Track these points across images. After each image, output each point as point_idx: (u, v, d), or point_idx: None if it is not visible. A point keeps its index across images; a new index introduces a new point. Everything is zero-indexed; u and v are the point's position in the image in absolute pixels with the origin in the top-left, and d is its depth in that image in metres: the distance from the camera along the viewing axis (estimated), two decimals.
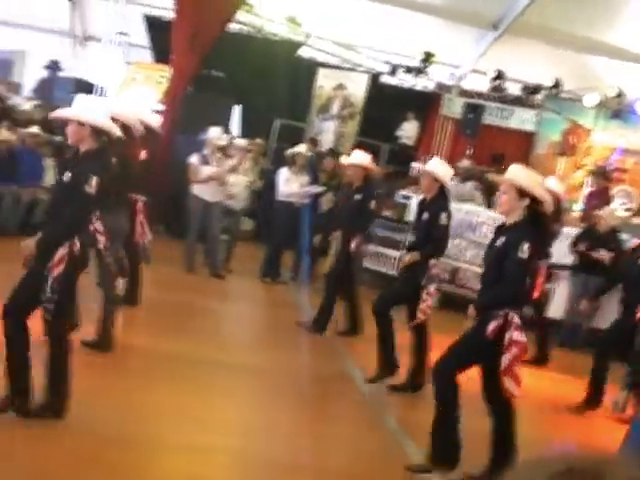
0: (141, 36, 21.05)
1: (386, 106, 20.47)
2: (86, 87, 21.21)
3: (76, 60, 25.65)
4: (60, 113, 6.90)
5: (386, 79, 22.28)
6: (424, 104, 22.48)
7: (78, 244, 6.24)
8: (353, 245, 10.85)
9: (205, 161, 14.09)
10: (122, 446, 6.29)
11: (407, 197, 16.71)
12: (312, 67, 21.66)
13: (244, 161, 14.90)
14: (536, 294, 10.63)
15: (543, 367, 11.71)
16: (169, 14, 19.30)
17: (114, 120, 8.58)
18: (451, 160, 20.31)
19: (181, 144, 17.48)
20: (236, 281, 14.60)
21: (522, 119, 21.73)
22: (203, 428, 6.94)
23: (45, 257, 6.18)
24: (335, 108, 21.56)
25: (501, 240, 6.54)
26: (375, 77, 22.00)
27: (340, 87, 21.59)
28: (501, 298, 6.48)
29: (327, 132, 21.29)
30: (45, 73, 22.59)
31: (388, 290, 10.16)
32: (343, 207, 11.82)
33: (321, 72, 21.64)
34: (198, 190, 14.05)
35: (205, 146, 14.25)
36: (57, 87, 21.56)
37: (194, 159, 14.14)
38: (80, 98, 6.70)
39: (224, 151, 14.56)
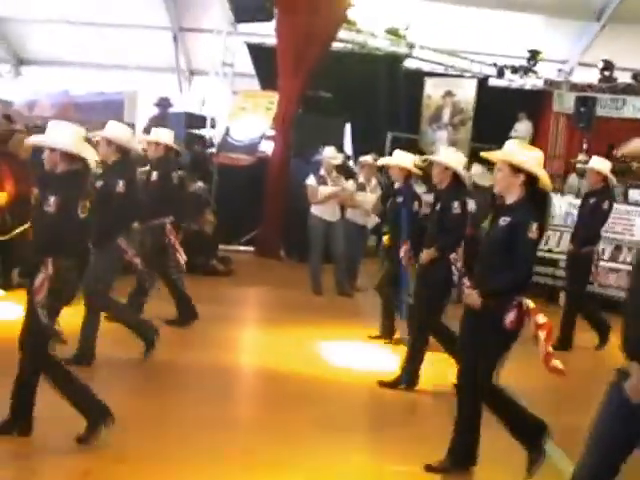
0: (246, 65, 21.21)
1: (497, 109, 20.18)
2: (197, 120, 21.50)
3: (184, 95, 26.08)
4: (33, 140, 7.19)
5: (494, 82, 22.03)
6: (535, 103, 22.12)
7: (50, 267, 6.20)
8: (401, 252, 10.10)
9: (322, 181, 14.08)
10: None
11: None
12: (419, 77, 21.51)
13: (372, 177, 14.67)
14: None
15: None
16: (271, 40, 19.43)
17: (110, 143, 8.67)
18: (567, 156, 20.01)
19: (296, 166, 17.56)
20: (364, 298, 14.45)
21: (636, 107, 21.20)
22: None
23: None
24: (446, 116, 21.38)
25: (505, 220, 6.20)
26: (483, 81, 21.74)
27: (449, 94, 21.39)
28: (516, 281, 6.17)
29: (440, 141, 21.09)
30: (156, 110, 22.91)
31: (416, 300, 9.23)
32: (388, 210, 11.38)
33: (428, 81, 21.49)
34: (318, 210, 14.04)
35: (320, 166, 14.26)
36: (169, 123, 21.85)
37: (311, 180, 14.15)
38: (52, 124, 6.71)
39: (340, 170, 14.54)
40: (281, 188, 18.29)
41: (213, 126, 21.52)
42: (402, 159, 10.60)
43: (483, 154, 6.91)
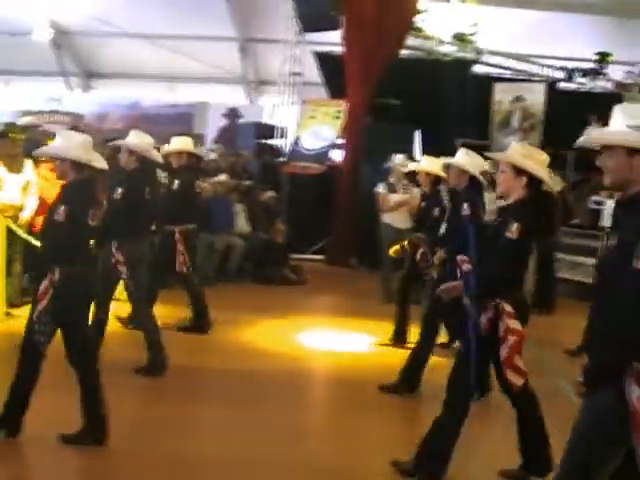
0: (314, 74, 21.26)
1: (567, 113, 19.97)
2: (266, 130, 21.62)
3: (253, 105, 26.24)
4: (43, 151, 7.59)
5: (563, 85, 21.85)
6: (605, 105, 21.77)
7: (57, 275, 6.28)
8: (418, 255, 10.01)
9: (392, 189, 14.08)
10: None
11: (599, 203, 16.28)
12: (487, 83, 21.37)
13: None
14: None
15: None
16: (339, 49, 19.46)
17: (131, 153, 8.97)
18: None
19: (366, 174, 17.57)
20: None
21: None
22: None
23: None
24: (516, 121, 21.18)
25: (498, 220, 6.24)
26: (552, 85, 21.53)
27: (518, 99, 21.20)
28: (487, 281, 6.04)
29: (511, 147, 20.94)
30: (225, 121, 23.09)
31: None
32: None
33: (497, 87, 21.32)
34: (389, 218, 14.02)
35: (390, 174, 14.24)
36: (238, 134, 22.03)
37: (381, 188, 14.15)
38: (60, 133, 6.92)
39: (410, 177, 14.50)
40: (351, 196, 18.32)
41: (282, 135, 21.62)
42: (430, 164, 10.48)
43: (487, 154, 6.88)
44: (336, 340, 11.30)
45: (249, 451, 6.83)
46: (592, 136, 4.43)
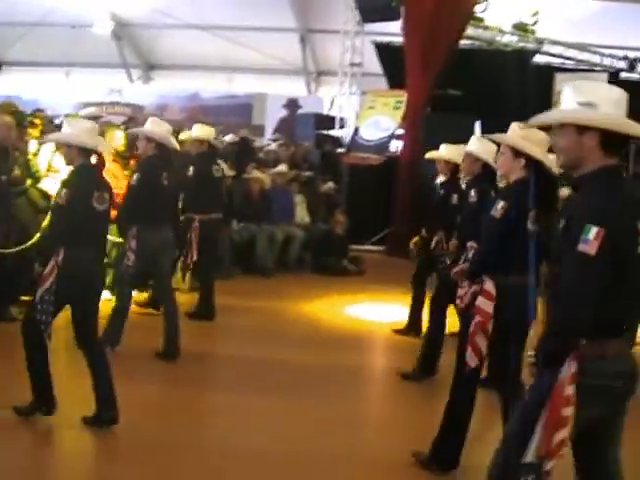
0: (374, 64, 21.25)
1: (630, 103, 19.78)
2: (326, 121, 21.65)
3: (313, 96, 26.28)
4: (51, 137, 7.91)
5: (625, 75, 21.63)
6: None
7: (61, 257, 6.39)
8: (433, 242, 9.83)
9: None
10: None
11: None
12: (548, 73, 21.20)
13: None
14: None
15: None
16: (399, 39, 19.43)
17: (149, 140, 9.02)
18: None
19: (426, 165, 17.52)
20: None
21: None
22: None
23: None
24: None
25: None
26: (614, 75, 21.32)
27: None
28: (474, 257, 6.13)
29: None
30: (285, 112, 23.15)
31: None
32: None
33: (558, 77, 21.14)
34: None
35: None
36: (298, 124, 22.07)
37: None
38: (66, 121, 7.12)
39: None
40: (411, 187, 18.26)
41: (342, 126, 21.65)
42: (449, 152, 10.16)
43: (487, 136, 6.80)
44: (392, 331, 11.28)
45: (313, 441, 6.87)
46: (540, 116, 4.34)
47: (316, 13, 24.76)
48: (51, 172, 10.80)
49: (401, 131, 19.53)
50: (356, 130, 20.34)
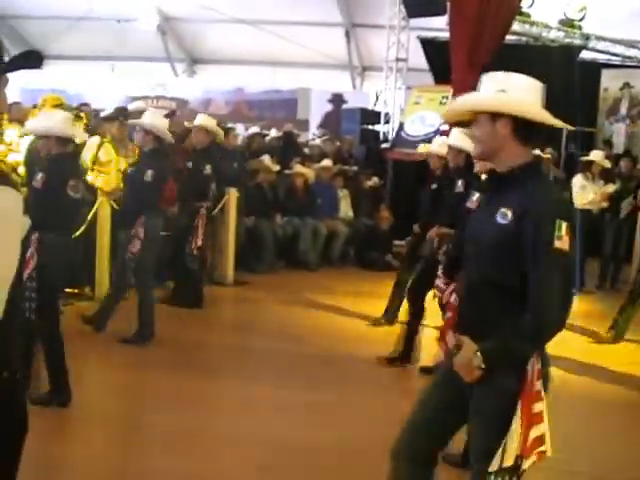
0: (419, 59, 21.17)
1: None
2: (371, 116, 21.60)
3: (358, 91, 26.23)
4: (29, 128, 8.02)
5: None
6: None
7: (36, 241, 6.57)
8: (428, 236, 9.27)
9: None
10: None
11: None
12: (595, 69, 21.05)
13: (549, 172, 14.54)
14: None
15: None
16: (444, 34, 19.35)
17: (148, 133, 9.11)
18: None
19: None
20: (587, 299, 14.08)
21: None
22: None
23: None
24: (623, 108, 20.86)
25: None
26: None
27: (626, 86, 20.86)
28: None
29: (618, 134, 20.62)
30: (329, 107, 23.13)
31: None
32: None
33: (605, 73, 21.01)
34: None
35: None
36: (343, 119, 22.05)
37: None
38: (42, 113, 7.60)
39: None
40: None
41: (387, 121, 21.57)
42: (441, 147, 9.68)
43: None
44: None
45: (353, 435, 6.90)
46: (455, 101, 4.30)
47: (361, 8, 24.71)
48: (97, 166, 10.89)
49: (446, 127, 19.43)
50: (401, 125, 20.24)
